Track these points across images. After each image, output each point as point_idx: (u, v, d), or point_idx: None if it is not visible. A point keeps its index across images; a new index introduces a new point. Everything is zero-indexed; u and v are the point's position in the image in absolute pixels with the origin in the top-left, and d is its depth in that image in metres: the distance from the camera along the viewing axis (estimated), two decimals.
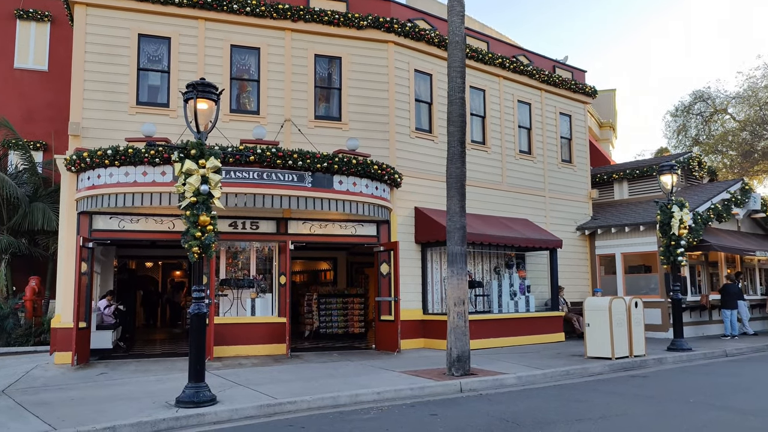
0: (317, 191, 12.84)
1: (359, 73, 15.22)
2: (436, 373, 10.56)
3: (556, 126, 19.77)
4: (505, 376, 10.33)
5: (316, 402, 8.35)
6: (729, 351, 14.57)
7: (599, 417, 7.61)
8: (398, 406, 8.41)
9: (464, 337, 10.59)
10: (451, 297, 10.80)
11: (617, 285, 18.94)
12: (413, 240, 15.41)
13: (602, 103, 32.07)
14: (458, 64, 11.21)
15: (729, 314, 17.67)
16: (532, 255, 18.05)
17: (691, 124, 28.45)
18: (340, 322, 17.52)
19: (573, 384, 10.33)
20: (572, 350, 14.06)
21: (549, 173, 19.27)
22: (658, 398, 8.96)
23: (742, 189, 20.18)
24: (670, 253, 14.60)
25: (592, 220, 20.07)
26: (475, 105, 17.45)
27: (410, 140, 15.74)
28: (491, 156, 17.67)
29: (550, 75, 19.31)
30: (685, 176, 21.68)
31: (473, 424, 7.29)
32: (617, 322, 12.50)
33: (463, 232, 10.99)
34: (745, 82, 26.44)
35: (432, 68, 16.41)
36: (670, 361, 13.00)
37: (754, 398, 8.84)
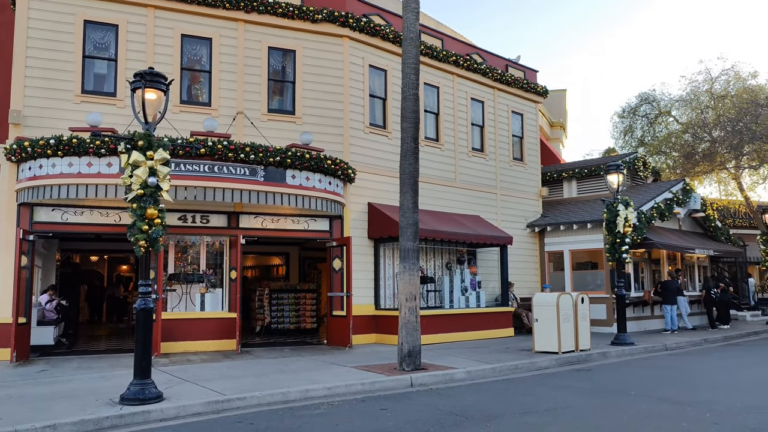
0: (270, 185, 12.70)
1: (314, 67, 15.11)
2: (387, 368, 10.60)
3: (508, 124, 20.08)
4: (455, 370, 10.45)
5: (266, 398, 8.28)
6: (669, 345, 15.11)
7: (545, 410, 7.78)
8: (349, 401, 8.41)
9: (415, 333, 10.67)
10: (403, 292, 10.85)
11: (565, 281, 19.39)
12: (366, 235, 15.42)
13: (553, 103, 32.74)
14: (412, 60, 11.25)
15: (669, 310, 18.32)
16: (484, 251, 18.30)
17: (637, 125, 29.25)
18: (292, 318, 17.40)
19: (521, 378, 10.53)
20: (521, 345, 14.33)
21: (501, 171, 19.57)
22: (601, 391, 9.23)
23: (684, 189, 20.93)
24: (616, 251, 15.03)
25: (542, 217, 20.49)
26: (429, 102, 17.56)
27: (364, 136, 15.73)
28: (444, 153, 17.83)
29: (502, 74, 19.59)
30: (630, 176, 22.34)
31: (423, 418, 7.35)
32: (564, 318, 12.79)
33: (415, 228, 11.05)
34: (688, 86, 27.37)
35: (387, 64, 16.43)
36: (613, 355, 13.40)
37: (690, 390, 9.19)
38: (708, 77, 26.63)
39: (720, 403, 8.08)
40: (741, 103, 24.20)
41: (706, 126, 25.18)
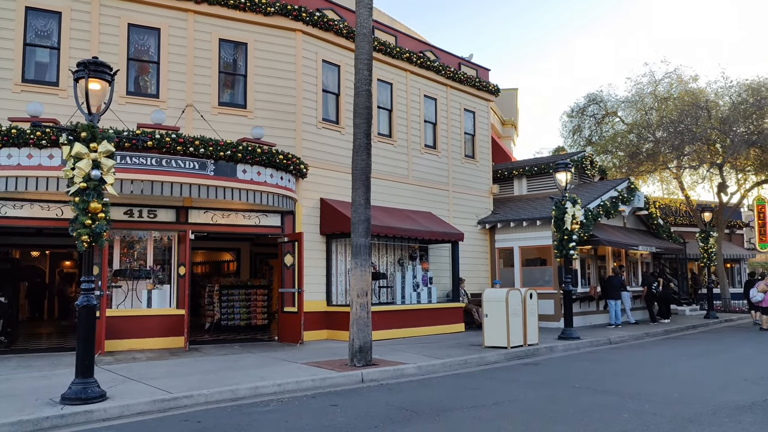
0: (220, 180, 12.48)
1: (266, 61, 14.91)
2: (338, 364, 10.59)
3: (461, 122, 20.29)
4: (405, 366, 10.51)
5: (214, 395, 8.15)
6: (613, 339, 15.56)
7: (493, 403, 7.91)
8: (299, 398, 8.36)
9: (367, 328, 10.68)
10: (355, 288, 10.85)
11: (515, 277, 19.75)
12: (318, 231, 15.34)
13: (505, 102, 33.24)
14: (365, 56, 11.23)
15: (614, 305, 18.87)
16: (436, 247, 18.46)
17: (585, 125, 29.99)
18: (242, 314, 17.18)
19: (470, 373, 10.67)
20: (471, 340, 14.52)
21: (453, 168, 19.76)
22: (547, 384, 9.43)
23: (629, 188, 21.57)
24: (563, 247, 15.37)
25: (493, 214, 20.80)
26: (382, 98, 17.58)
27: (317, 131, 15.64)
28: (397, 149, 17.89)
29: (455, 72, 19.77)
30: (578, 174, 22.89)
31: (373, 413, 7.37)
32: (513, 313, 13.02)
33: (367, 224, 11.06)
34: (633, 88, 28.20)
35: (340, 59, 16.36)
36: (560, 349, 13.71)
37: (632, 382, 9.48)
38: (652, 80, 27.51)
39: (659, 394, 8.37)
40: (682, 105, 25.06)
41: (650, 127, 25.98)
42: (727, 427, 6.53)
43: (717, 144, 24.91)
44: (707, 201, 29.56)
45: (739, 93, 24.90)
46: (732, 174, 27.23)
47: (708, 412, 7.20)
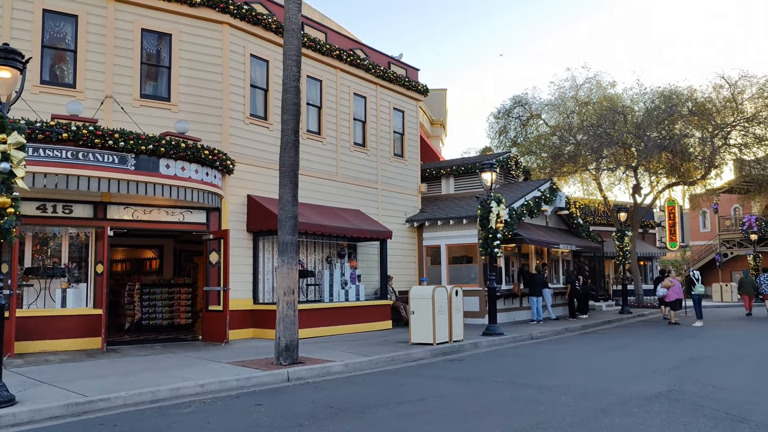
0: (141, 175, 12.06)
1: (191, 53, 14.52)
2: (264, 363, 10.46)
3: (390, 121, 20.43)
4: (332, 363, 10.50)
5: (133, 398, 7.88)
6: (534, 335, 16.09)
7: (418, 399, 8.02)
8: (222, 398, 8.20)
9: (293, 326, 10.60)
10: (281, 286, 10.74)
11: (442, 274, 20.07)
12: (245, 228, 15.09)
13: (434, 102, 33.72)
14: (294, 52, 11.12)
15: (536, 301, 19.51)
16: (364, 245, 18.51)
17: (510, 126, 30.81)
18: (165, 313, 16.68)
19: (397, 369, 10.77)
20: (398, 337, 14.66)
21: (382, 166, 19.87)
22: (471, 379, 9.65)
23: (551, 188, 22.34)
24: (488, 245, 15.75)
25: (421, 212, 21.06)
26: (311, 95, 17.46)
27: (245, 126, 15.37)
28: (326, 147, 17.82)
29: (385, 71, 19.88)
30: (504, 174, 23.51)
31: (297, 411, 7.32)
32: (439, 310, 13.23)
33: (294, 222, 10.96)
34: (557, 92, 29.23)
35: (269, 54, 16.13)
36: (484, 345, 14.05)
37: (550, 376, 9.84)
38: (574, 84, 28.59)
39: (575, 386, 8.72)
40: (601, 109, 26.19)
41: (572, 130, 26.99)
42: (636, 416, 6.88)
43: (632, 147, 26.13)
44: (623, 202, 31.01)
45: (652, 100, 26.25)
46: (646, 176, 28.65)
47: (619, 403, 7.57)
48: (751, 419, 6.66)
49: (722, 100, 25.86)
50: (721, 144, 25.92)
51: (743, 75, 25.60)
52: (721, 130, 25.60)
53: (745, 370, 10.46)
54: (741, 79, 25.61)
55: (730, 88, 25.64)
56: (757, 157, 27.67)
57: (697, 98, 25.92)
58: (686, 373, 10.02)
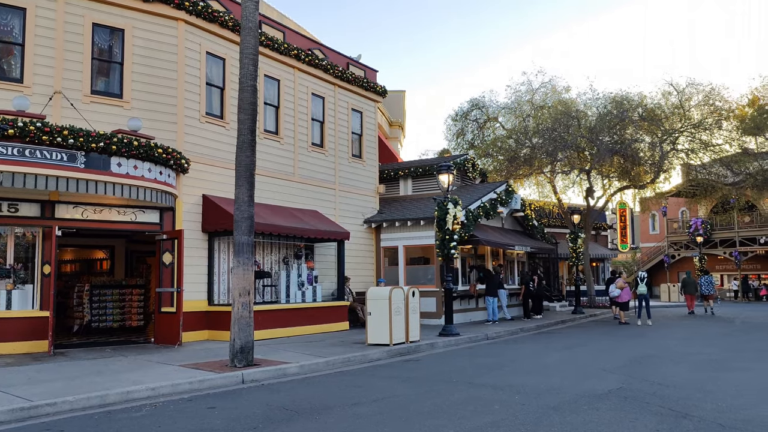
0: (91, 173, 11.72)
1: (145, 49, 14.20)
2: (218, 366, 10.30)
3: (348, 121, 20.40)
4: (288, 365, 10.42)
5: (81, 402, 7.66)
6: (490, 335, 16.29)
7: (373, 400, 8.03)
8: (175, 402, 8.05)
9: (248, 328, 10.48)
10: (237, 287, 10.61)
11: (399, 275, 20.14)
12: (200, 229, 14.85)
13: (393, 103, 33.82)
14: (251, 50, 11.00)
15: (491, 302, 19.75)
16: (322, 246, 18.44)
17: (468, 129, 31.15)
18: (115, 315, 16.27)
19: (353, 370, 10.76)
20: (355, 338, 14.64)
21: (340, 167, 19.82)
22: (427, 380, 9.71)
23: (507, 190, 22.66)
24: (445, 246, 15.87)
25: (379, 213, 21.09)
26: (269, 94, 17.30)
27: (200, 125, 15.12)
28: (284, 147, 17.68)
29: (344, 71, 19.84)
30: (461, 176, 23.73)
31: (252, 414, 7.24)
32: (396, 311, 13.27)
33: (250, 222, 10.84)
34: (513, 96, 29.74)
35: (225, 52, 15.92)
36: (440, 345, 14.15)
37: (505, 375, 9.98)
38: (530, 88, 29.11)
39: (528, 385, 8.87)
40: (556, 114, 26.73)
41: (528, 133, 27.46)
42: (586, 413, 7.04)
43: (586, 151, 26.77)
44: (577, 204, 31.69)
45: (605, 105, 26.94)
46: (598, 180, 29.38)
47: (570, 401, 7.73)
48: (694, 415, 6.89)
49: (671, 106, 26.72)
50: (669, 149, 26.77)
51: (690, 83, 26.54)
52: (669, 135, 26.44)
53: (688, 367, 10.82)
54: (688, 86, 26.53)
55: (678, 95, 26.53)
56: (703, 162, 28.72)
57: (647, 104, 26.73)
58: (634, 371, 10.30)
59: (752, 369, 10.67)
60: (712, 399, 7.79)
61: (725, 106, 26.25)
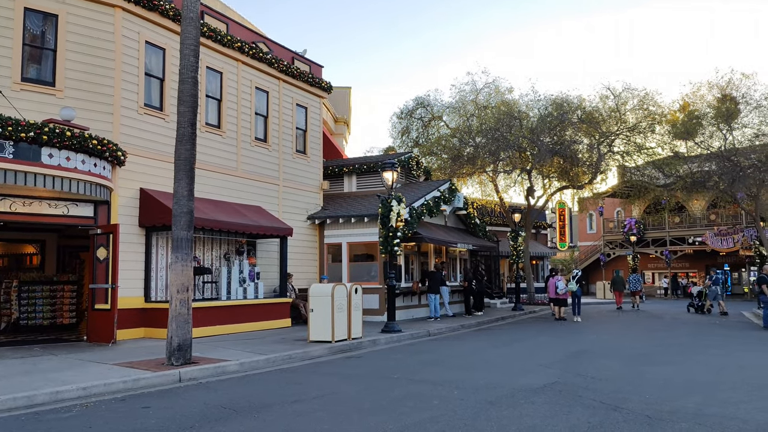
0: (20, 164, 11.19)
1: (80, 36, 13.66)
2: (154, 364, 10.04)
3: (293, 117, 20.19)
4: (227, 363, 10.25)
5: (6, 403, 7.32)
6: (432, 331, 16.46)
7: (314, 397, 7.98)
8: (107, 401, 7.79)
9: (186, 325, 10.24)
10: (175, 284, 10.35)
11: (343, 272, 20.09)
12: (137, 223, 14.42)
13: (338, 100, 33.69)
14: (192, 41, 10.73)
15: (434, 299, 19.96)
16: (264, 242, 18.20)
17: (413, 127, 31.34)
18: (46, 313, 15.64)
19: (294, 368, 10.67)
20: (297, 335, 14.53)
21: (284, 163, 19.61)
22: (368, 376, 9.73)
23: (450, 189, 22.93)
24: (388, 244, 15.94)
25: (323, 210, 20.98)
26: (211, 87, 16.94)
27: (138, 116, 14.67)
28: (226, 141, 17.35)
29: (288, 66, 19.62)
30: (405, 174, 23.87)
31: (188, 413, 7.08)
32: (338, 308, 13.24)
33: (190, 217, 10.60)
34: (457, 95, 30.00)
35: (166, 42, 15.49)
36: (382, 342, 14.21)
37: (445, 371, 10.10)
38: (474, 88, 29.48)
39: (468, 381, 9.01)
40: (499, 114, 27.17)
41: (471, 132, 27.82)
42: (523, 407, 7.20)
43: (527, 152, 27.33)
44: (518, 203, 32.39)
45: (546, 107, 27.57)
46: (539, 179, 30.06)
47: (507, 395, 7.89)
48: (623, 407, 7.15)
49: (608, 110, 27.58)
50: (606, 151, 27.65)
51: (626, 87, 27.45)
52: (606, 138, 27.31)
53: (620, 362, 11.22)
54: (624, 91, 27.44)
55: (615, 99, 27.41)
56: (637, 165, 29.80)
57: (586, 107, 27.51)
58: (569, 365, 10.61)
59: (678, 363, 11.16)
60: (641, 392, 8.10)
61: (658, 111, 27.28)
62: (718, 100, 26.56)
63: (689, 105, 27.86)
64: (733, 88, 26.22)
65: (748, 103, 26.07)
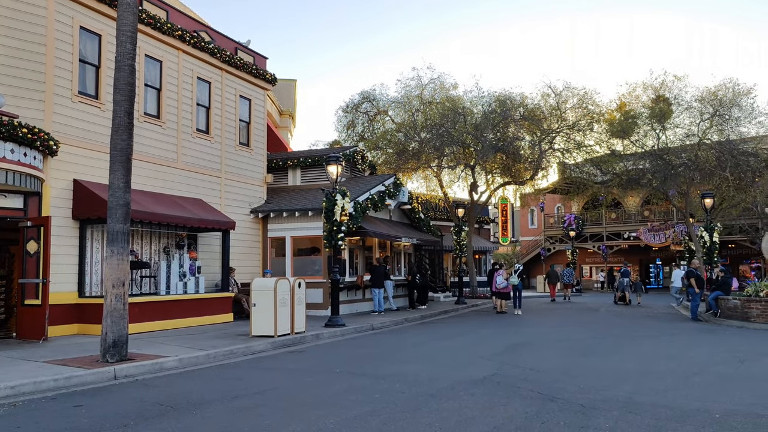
0: None
1: (8, 20, 13.02)
2: (87, 361, 9.71)
3: (236, 108, 19.83)
4: (165, 359, 10.01)
5: None
6: (375, 325, 16.52)
7: (255, 392, 7.89)
8: (37, 400, 7.48)
9: (122, 321, 9.95)
10: (110, 278, 10.03)
11: (286, 266, 19.92)
12: (71, 215, 13.89)
13: (284, 92, 33.30)
14: (129, 28, 10.38)
15: (378, 293, 20.02)
16: (206, 236, 17.84)
17: (359, 121, 31.26)
18: None
19: (235, 363, 10.51)
20: (239, 330, 14.33)
21: (226, 155, 19.24)
22: (311, 371, 9.68)
23: (395, 183, 23.03)
24: (333, 238, 15.88)
25: (267, 203, 20.73)
26: (150, 76, 16.45)
27: (72, 105, 14.11)
28: (166, 132, 16.89)
29: (231, 56, 19.25)
30: (350, 168, 23.83)
31: (123, 411, 6.88)
32: (281, 302, 13.11)
33: (126, 209, 10.28)
34: (403, 90, 30.14)
35: (102, 28, 14.93)
36: (326, 336, 14.16)
37: (387, 365, 10.16)
38: (419, 84, 29.67)
39: (410, 374, 9.08)
40: (444, 110, 27.45)
41: (416, 127, 28.02)
42: (462, 399, 7.31)
43: (471, 148, 27.72)
44: (462, 198, 32.82)
45: (489, 103, 28.01)
46: (482, 175, 30.55)
47: (448, 387, 8.00)
48: (559, 397, 7.36)
49: (549, 108, 28.26)
50: (547, 148, 28.34)
51: (566, 86, 28.19)
52: (547, 135, 27.99)
53: (556, 353, 11.54)
54: (565, 89, 28.16)
55: (556, 98, 28.10)
56: (577, 162, 30.68)
57: (528, 105, 28.10)
58: (509, 358, 10.83)
59: (612, 353, 11.57)
60: (576, 382, 8.36)
61: (597, 110, 28.13)
62: (652, 101, 27.56)
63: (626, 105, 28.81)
64: (666, 90, 27.26)
65: (679, 104, 27.17)
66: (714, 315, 18.59)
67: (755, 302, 16.65)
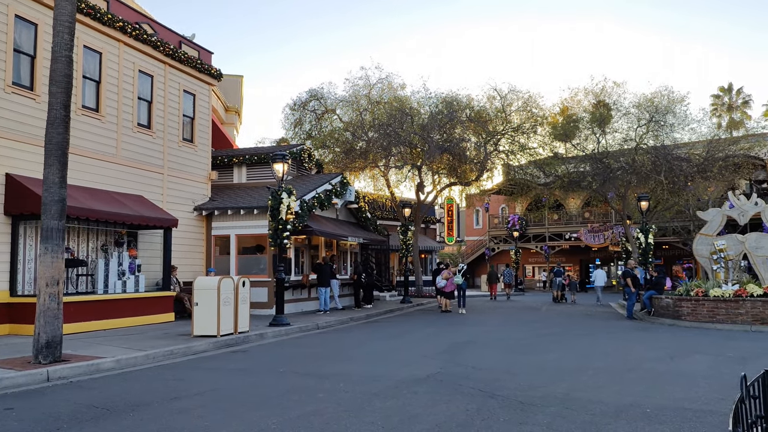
0: None
1: None
2: (19, 363, 9.33)
3: (180, 103, 19.39)
4: (102, 360, 9.71)
5: None
6: (320, 324, 16.46)
7: (196, 393, 7.75)
8: None
9: (56, 321, 9.60)
10: (43, 277, 9.67)
11: (231, 265, 19.61)
12: (2, 211, 13.31)
13: (230, 88, 32.76)
14: (67, 18, 10.01)
15: (323, 292, 19.96)
16: (147, 233, 17.38)
17: (306, 119, 31.01)
18: None
19: (176, 363, 10.30)
20: (180, 330, 14.04)
21: (169, 151, 18.79)
22: (253, 371, 9.58)
23: (342, 182, 22.99)
24: (278, 236, 15.73)
25: (211, 201, 20.35)
26: (89, 68, 15.91)
27: (5, 95, 13.52)
28: (105, 126, 16.37)
29: (175, 50, 18.81)
30: (297, 166, 23.65)
31: (56, 414, 6.64)
32: (225, 301, 12.91)
33: (62, 205, 9.92)
34: (351, 89, 30.06)
35: (39, 17, 14.35)
36: (270, 335, 14.03)
37: (332, 364, 10.15)
38: (368, 83, 29.69)
39: (354, 373, 9.10)
40: (392, 110, 27.58)
41: (364, 127, 28.05)
42: (405, 398, 7.38)
43: (418, 148, 27.96)
44: (409, 198, 33.06)
45: (436, 104, 28.31)
46: (429, 175, 30.85)
47: (392, 386, 8.06)
48: (499, 394, 7.52)
49: (495, 110, 28.78)
50: (492, 150, 28.85)
51: (511, 89, 28.78)
52: (492, 137, 28.49)
53: (498, 351, 11.79)
54: (510, 93, 28.74)
55: (501, 101, 28.64)
56: (521, 164, 31.36)
57: (474, 107, 28.54)
58: (452, 356, 10.99)
59: (551, 351, 11.89)
60: (516, 379, 8.56)
61: (540, 113, 28.83)
62: (593, 106, 28.44)
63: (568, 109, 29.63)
64: (606, 95, 28.19)
65: (618, 109, 28.13)
66: (648, 313, 19.34)
67: (686, 301, 17.41)
